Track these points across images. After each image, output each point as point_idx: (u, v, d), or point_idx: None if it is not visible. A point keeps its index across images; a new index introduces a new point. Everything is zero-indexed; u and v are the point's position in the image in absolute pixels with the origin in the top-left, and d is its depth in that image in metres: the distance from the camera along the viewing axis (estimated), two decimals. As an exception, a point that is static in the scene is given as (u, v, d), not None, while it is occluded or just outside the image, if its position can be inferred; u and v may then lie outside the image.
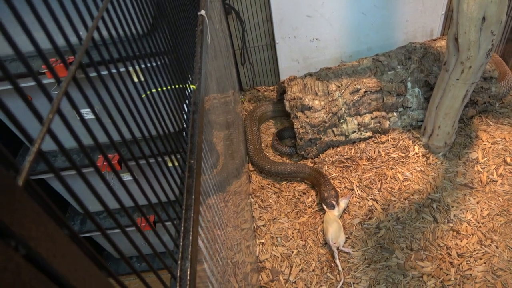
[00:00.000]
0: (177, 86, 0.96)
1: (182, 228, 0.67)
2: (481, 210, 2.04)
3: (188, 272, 0.62)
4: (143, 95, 0.75)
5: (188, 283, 0.60)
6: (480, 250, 1.88)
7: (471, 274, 1.80)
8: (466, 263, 1.84)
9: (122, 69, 0.85)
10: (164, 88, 0.87)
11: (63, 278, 0.28)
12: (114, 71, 0.64)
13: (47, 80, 1.39)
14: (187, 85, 1.01)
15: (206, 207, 1.15)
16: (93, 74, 1.29)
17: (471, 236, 1.94)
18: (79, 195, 0.38)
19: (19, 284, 0.23)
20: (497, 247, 1.88)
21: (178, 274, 0.61)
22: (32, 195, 0.29)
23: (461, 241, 1.93)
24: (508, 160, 2.25)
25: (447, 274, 1.81)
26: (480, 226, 1.98)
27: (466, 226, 1.98)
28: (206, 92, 1.24)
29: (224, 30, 2.60)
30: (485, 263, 1.83)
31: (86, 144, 0.40)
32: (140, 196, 0.61)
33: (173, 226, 0.71)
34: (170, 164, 0.79)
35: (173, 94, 0.91)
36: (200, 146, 0.85)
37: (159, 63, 0.87)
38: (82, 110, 1.52)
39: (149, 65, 0.80)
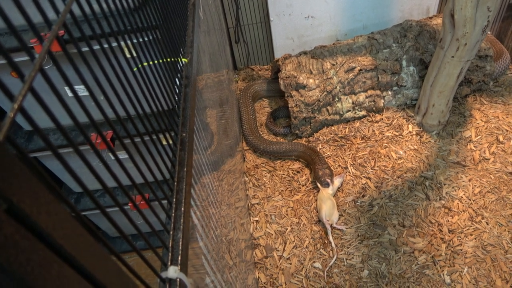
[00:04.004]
0: (168, 60, 0.95)
1: (174, 200, 0.67)
2: (472, 188, 2.07)
3: (180, 243, 0.62)
4: (135, 69, 0.74)
5: (180, 253, 0.60)
6: (471, 226, 1.91)
7: (461, 250, 1.83)
8: (457, 239, 1.87)
9: (114, 44, 0.83)
10: (156, 62, 0.86)
11: (49, 236, 0.28)
12: (106, 46, 0.63)
13: (37, 55, 1.36)
14: (179, 59, 0.99)
15: (200, 186, 1.15)
16: (85, 49, 1.26)
17: (462, 213, 1.97)
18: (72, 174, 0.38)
19: (1, 237, 0.23)
20: (487, 224, 1.91)
21: (170, 244, 0.61)
22: (16, 154, 0.28)
23: (453, 217, 1.96)
24: (501, 138, 2.27)
25: (438, 250, 1.84)
26: (471, 203, 2.00)
27: (458, 203, 2.01)
28: (199, 67, 1.22)
29: (218, 6, 2.55)
30: (475, 239, 1.87)
31: (77, 122, 0.39)
32: (133, 174, 0.60)
33: (166, 199, 0.70)
34: (164, 142, 0.78)
35: (165, 68, 0.89)
36: (192, 119, 0.84)
37: (151, 37, 0.85)
38: (75, 87, 1.49)
39: (141, 39, 0.78)
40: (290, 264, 1.91)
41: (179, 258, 0.60)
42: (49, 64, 1.33)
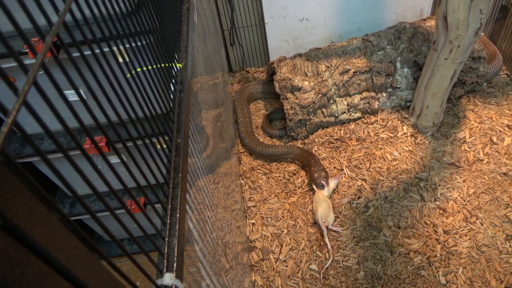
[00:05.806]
0: (163, 65, 0.95)
1: (169, 206, 0.67)
2: (467, 188, 2.08)
3: (176, 249, 0.62)
4: (128, 75, 0.74)
5: (175, 259, 0.60)
6: (466, 227, 1.93)
7: (456, 250, 1.84)
8: (452, 239, 1.88)
9: (106, 49, 0.83)
10: (150, 67, 0.86)
11: (43, 249, 0.28)
12: (97, 51, 0.63)
13: (30, 61, 1.36)
14: (173, 64, 0.99)
15: (196, 189, 1.15)
16: (76, 54, 1.26)
17: (457, 213, 1.98)
18: (67, 178, 0.38)
19: (-5, 253, 0.23)
20: (482, 224, 1.93)
21: (166, 251, 0.62)
22: (9, 167, 0.28)
23: (447, 218, 1.97)
24: (495, 139, 2.29)
25: (433, 251, 1.85)
26: (466, 204, 2.02)
27: (452, 204, 2.02)
28: (194, 72, 1.22)
29: (212, 9, 2.55)
30: (470, 239, 1.88)
31: (72, 127, 0.39)
32: (128, 178, 0.60)
33: (161, 205, 0.71)
34: (158, 147, 0.78)
35: (159, 73, 0.90)
36: (187, 125, 0.84)
37: (144, 42, 0.85)
38: (66, 92, 1.49)
39: (134, 44, 0.78)
40: (287, 266, 1.91)
41: (175, 265, 0.60)
42: (40, 71, 1.33)
